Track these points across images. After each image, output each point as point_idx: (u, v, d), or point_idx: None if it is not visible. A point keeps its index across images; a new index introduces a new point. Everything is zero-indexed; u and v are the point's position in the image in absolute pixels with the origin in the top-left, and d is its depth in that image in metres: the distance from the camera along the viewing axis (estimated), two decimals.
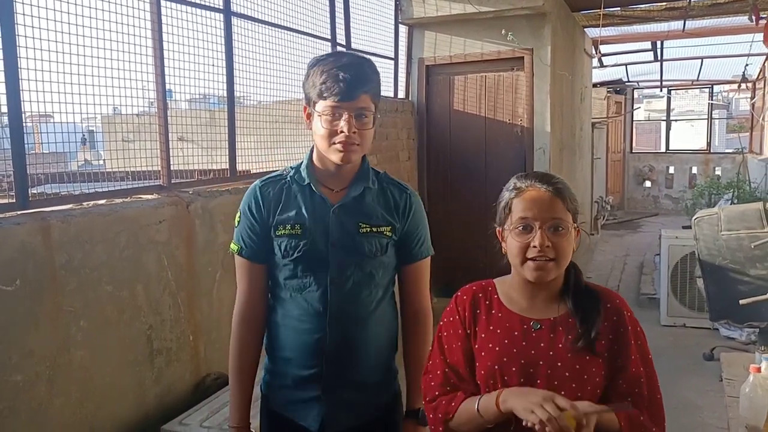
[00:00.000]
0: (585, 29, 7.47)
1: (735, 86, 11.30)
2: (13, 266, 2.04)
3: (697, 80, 11.45)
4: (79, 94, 2.46)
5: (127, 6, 2.67)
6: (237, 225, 1.67)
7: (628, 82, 11.73)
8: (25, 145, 2.23)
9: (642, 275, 6.65)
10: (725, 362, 2.69)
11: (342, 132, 1.51)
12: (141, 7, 2.76)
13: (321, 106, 1.52)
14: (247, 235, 1.64)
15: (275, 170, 1.75)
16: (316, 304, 1.59)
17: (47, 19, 2.31)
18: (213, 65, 3.25)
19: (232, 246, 1.68)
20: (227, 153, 3.36)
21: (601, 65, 9.85)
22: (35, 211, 2.22)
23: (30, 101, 2.28)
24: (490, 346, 1.38)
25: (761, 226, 3.62)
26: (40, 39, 2.28)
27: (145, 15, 2.78)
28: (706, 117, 12.90)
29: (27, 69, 2.24)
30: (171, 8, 2.91)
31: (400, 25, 5.55)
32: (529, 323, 1.38)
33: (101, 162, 3.75)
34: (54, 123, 2.55)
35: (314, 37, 4.23)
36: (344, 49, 4.66)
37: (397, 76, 5.60)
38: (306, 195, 1.61)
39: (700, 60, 10.32)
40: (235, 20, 3.38)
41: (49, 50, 2.32)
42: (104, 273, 2.37)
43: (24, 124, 2.23)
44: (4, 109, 2.19)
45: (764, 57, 9.14)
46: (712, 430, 3.45)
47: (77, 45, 2.42)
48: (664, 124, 13.14)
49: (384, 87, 5.70)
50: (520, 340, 1.37)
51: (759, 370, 2.07)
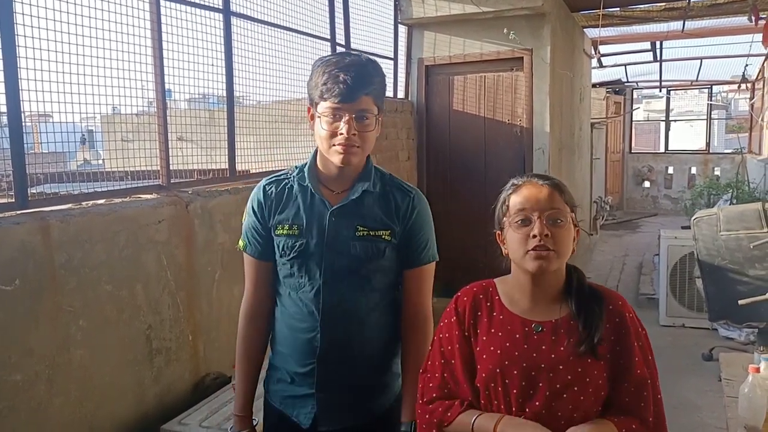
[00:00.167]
0: (584, 29, 7.47)
1: (734, 86, 11.30)
2: (13, 266, 2.04)
3: (697, 81, 11.46)
4: (79, 93, 2.46)
5: (127, 6, 2.67)
6: (244, 222, 1.69)
7: (628, 82, 11.74)
8: (25, 145, 2.23)
9: (641, 275, 6.65)
10: (724, 362, 2.70)
11: (341, 134, 1.50)
12: (140, 7, 2.76)
13: (322, 107, 1.52)
14: (251, 233, 1.66)
15: (275, 170, 1.75)
16: (309, 304, 1.60)
17: (47, 18, 2.30)
18: (212, 65, 3.25)
19: (239, 242, 1.70)
20: (226, 153, 3.36)
21: (601, 65, 9.85)
22: (34, 210, 2.22)
23: (29, 101, 2.28)
24: (492, 348, 1.37)
25: (760, 227, 3.62)
26: (40, 39, 2.28)
27: (144, 15, 2.78)
28: (705, 117, 12.92)
29: (26, 69, 2.24)
30: (170, 8, 2.91)
31: (399, 25, 5.55)
32: (530, 325, 1.37)
33: (100, 162, 3.75)
34: (53, 123, 2.55)
35: (314, 37, 4.23)
36: (344, 50, 4.66)
37: (397, 76, 5.60)
38: (306, 196, 1.61)
39: (699, 60, 10.32)
40: (234, 20, 3.38)
41: (48, 50, 2.32)
42: (104, 272, 2.37)
43: (23, 124, 2.23)
44: (4, 109, 2.19)
45: (763, 57, 9.15)
46: (711, 430, 3.45)
47: (77, 45, 2.42)
48: (663, 125, 13.15)
49: None
50: (521, 342, 1.35)
51: (758, 370, 2.07)
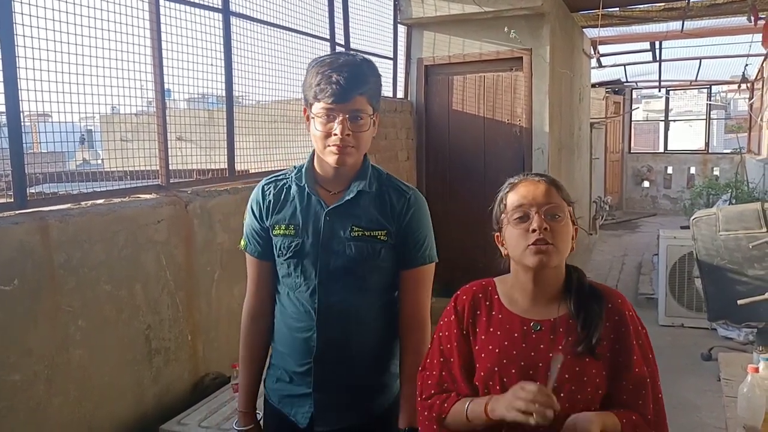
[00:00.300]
0: (584, 29, 7.47)
1: (733, 87, 11.31)
2: (12, 266, 2.04)
3: (696, 81, 11.46)
4: (78, 93, 2.46)
5: (126, 5, 2.67)
6: (245, 222, 1.70)
7: (627, 82, 11.74)
8: (24, 145, 2.23)
9: (640, 275, 6.66)
10: (723, 362, 2.70)
11: (335, 134, 1.50)
12: (140, 7, 2.76)
13: (316, 107, 1.52)
14: (251, 233, 1.67)
15: (275, 170, 1.75)
16: (306, 303, 1.60)
17: (46, 18, 2.30)
18: (212, 65, 3.25)
19: (241, 242, 1.71)
20: (226, 153, 3.36)
21: (600, 65, 9.85)
22: (33, 210, 2.22)
23: (28, 100, 2.28)
24: (490, 347, 1.37)
25: (759, 227, 3.62)
26: (39, 38, 2.28)
27: (143, 14, 2.78)
28: (704, 117, 12.93)
29: (25, 68, 2.24)
30: (170, 8, 2.91)
31: (399, 25, 5.55)
32: (529, 324, 1.37)
33: (99, 161, 3.75)
34: (52, 122, 2.55)
35: (313, 36, 4.23)
36: (343, 49, 4.65)
37: (396, 76, 5.60)
38: (303, 196, 1.61)
39: (698, 60, 10.32)
40: (233, 20, 3.38)
41: (47, 49, 2.32)
42: (103, 272, 2.37)
43: (22, 124, 2.23)
44: (2, 109, 2.19)
45: (763, 57, 9.16)
46: (710, 430, 3.45)
47: (76, 44, 2.42)
48: (662, 125, 13.15)
49: (383, 87, 5.66)
50: (519, 341, 1.36)
51: (757, 370, 2.08)
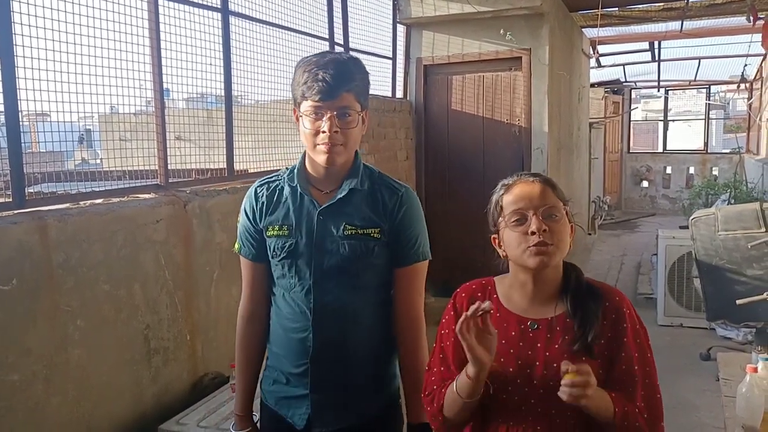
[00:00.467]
0: (583, 29, 7.47)
1: (732, 86, 11.32)
2: (10, 265, 2.04)
3: (695, 80, 11.46)
4: (76, 93, 2.46)
5: (125, 5, 2.67)
6: (238, 224, 1.70)
7: (626, 82, 11.75)
8: (22, 144, 2.23)
9: (639, 275, 6.66)
10: (722, 362, 2.70)
11: (324, 132, 1.50)
12: (139, 6, 2.75)
13: (304, 106, 1.52)
14: (245, 236, 1.67)
15: (275, 170, 1.75)
16: (301, 304, 1.60)
17: (44, 17, 2.30)
18: (211, 64, 3.25)
19: (235, 245, 1.71)
20: (225, 152, 3.36)
21: (599, 65, 9.85)
22: (32, 210, 2.22)
23: (27, 100, 2.28)
24: None
25: (758, 227, 3.62)
26: (38, 38, 2.27)
27: (142, 14, 2.78)
28: (703, 117, 12.94)
29: (24, 68, 2.24)
30: (169, 7, 2.91)
31: (398, 25, 5.55)
32: (526, 323, 1.38)
33: (98, 161, 3.74)
34: (51, 122, 2.55)
35: (312, 36, 4.23)
36: (342, 49, 4.66)
37: (395, 75, 5.60)
38: (296, 197, 1.62)
39: (697, 60, 10.33)
40: (233, 19, 3.37)
41: (46, 49, 2.32)
42: (101, 272, 2.37)
43: (21, 123, 2.23)
44: (1, 108, 2.19)
45: (762, 57, 9.16)
46: (709, 429, 3.45)
47: (74, 44, 2.42)
48: (661, 125, 13.16)
49: (382, 86, 5.63)
50: (517, 340, 1.37)
51: (756, 370, 2.08)
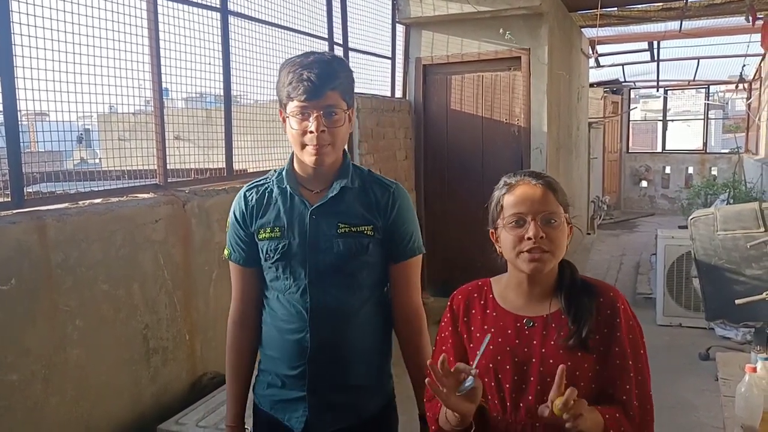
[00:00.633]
0: (582, 29, 7.48)
1: (731, 86, 11.32)
2: (9, 265, 2.03)
3: (694, 80, 11.46)
4: (75, 92, 2.46)
5: (124, 4, 2.66)
6: (227, 230, 1.69)
7: (625, 82, 11.74)
8: (21, 144, 2.23)
9: (638, 275, 6.66)
10: (721, 362, 2.70)
11: (311, 131, 1.49)
12: (138, 5, 2.75)
13: (290, 107, 1.52)
14: (235, 241, 1.66)
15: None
16: (297, 304, 1.59)
17: (43, 17, 2.30)
18: (210, 64, 3.24)
19: (224, 252, 1.70)
20: (224, 152, 3.36)
21: (598, 65, 9.86)
22: (31, 209, 2.22)
23: (26, 99, 2.28)
24: None
25: (757, 226, 3.62)
26: (36, 37, 2.27)
27: (141, 13, 2.78)
28: (702, 117, 12.95)
29: (23, 67, 2.24)
30: (168, 6, 2.91)
31: (397, 25, 5.55)
32: (522, 321, 1.39)
33: (97, 161, 3.74)
34: (50, 121, 2.54)
35: (311, 36, 4.23)
36: (341, 49, 4.66)
37: (395, 75, 5.60)
38: (286, 198, 1.61)
39: (696, 60, 10.33)
40: (232, 19, 3.37)
41: (45, 48, 2.31)
42: (100, 272, 2.37)
43: (19, 123, 2.23)
44: (0, 108, 2.19)
45: (760, 57, 9.17)
46: (708, 429, 3.45)
47: (73, 43, 2.42)
48: (660, 124, 13.18)
49: (381, 86, 5.62)
50: (513, 338, 1.38)
51: (755, 369, 2.08)
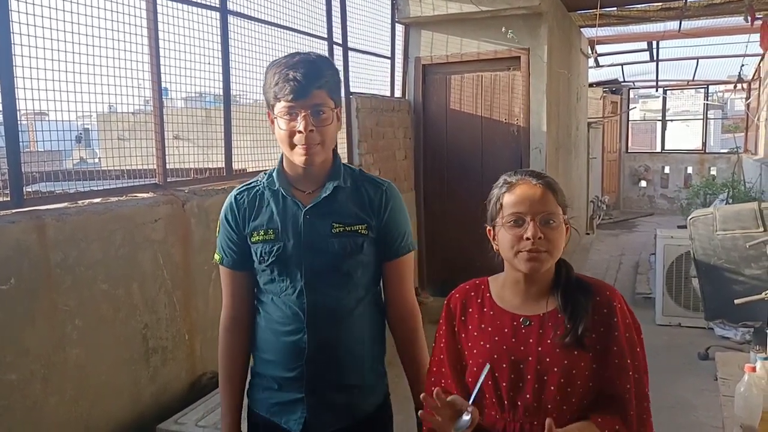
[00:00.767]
0: (581, 29, 7.48)
1: (730, 86, 11.32)
2: (8, 265, 2.03)
3: (693, 80, 11.47)
4: (74, 92, 2.46)
5: (124, 4, 2.66)
6: (218, 234, 1.68)
7: (624, 82, 11.75)
8: (20, 143, 2.22)
9: (637, 275, 6.66)
10: (720, 361, 2.70)
11: (299, 131, 1.49)
12: (137, 5, 2.75)
13: (278, 107, 1.51)
14: (226, 245, 1.66)
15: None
16: (293, 306, 1.59)
17: (42, 16, 2.30)
18: (209, 63, 3.24)
19: (215, 256, 1.69)
20: (223, 151, 3.36)
21: (597, 65, 9.86)
22: (30, 209, 2.22)
23: (25, 99, 2.28)
24: (482, 343, 1.40)
25: (756, 226, 3.63)
26: (35, 36, 2.27)
27: (141, 12, 2.77)
28: (701, 117, 12.96)
29: (22, 67, 2.23)
30: (167, 6, 2.91)
31: (396, 24, 5.55)
32: (518, 320, 1.40)
33: (96, 160, 3.73)
34: (49, 121, 2.54)
35: (311, 36, 4.23)
36: (341, 48, 4.66)
37: (394, 75, 5.60)
38: (278, 200, 1.60)
39: (695, 60, 10.33)
40: (231, 18, 3.37)
41: (44, 48, 2.31)
42: (99, 271, 2.37)
43: (19, 122, 2.22)
44: None
45: (759, 57, 9.17)
46: (707, 429, 3.45)
47: (72, 43, 2.41)
48: (659, 124, 13.18)
49: (380, 86, 5.63)
50: (509, 336, 1.38)
51: (754, 369, 2.08)
